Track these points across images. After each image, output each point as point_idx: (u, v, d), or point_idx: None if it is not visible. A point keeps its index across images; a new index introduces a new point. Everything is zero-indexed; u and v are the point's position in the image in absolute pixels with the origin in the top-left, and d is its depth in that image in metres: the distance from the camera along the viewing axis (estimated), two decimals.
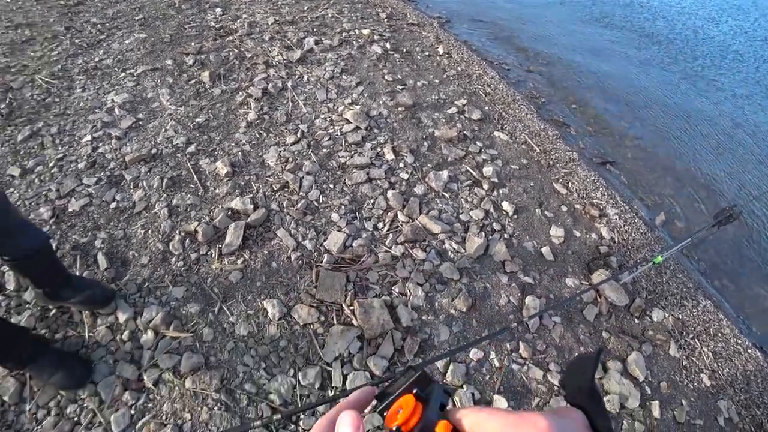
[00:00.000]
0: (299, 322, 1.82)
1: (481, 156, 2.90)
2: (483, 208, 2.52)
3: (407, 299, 2.00)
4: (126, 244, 2.06)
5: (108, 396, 1.64)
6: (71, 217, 2.15)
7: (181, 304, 1.85)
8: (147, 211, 2.18)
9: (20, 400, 1.64)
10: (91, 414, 1.61)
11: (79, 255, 2.01)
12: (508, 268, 2.28)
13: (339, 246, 2.07)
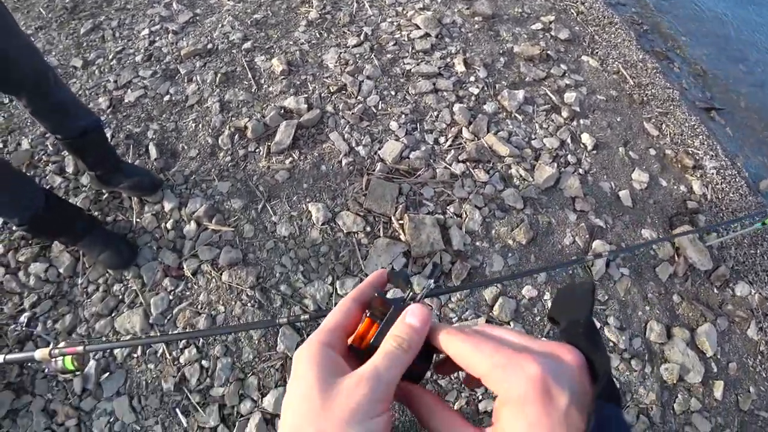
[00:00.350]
0: (343, 230, 1.66)
1: (564, 80, 2.49)
2: (559, 137, 2.16)
3: (462, 221, 1.77)
4: (176, 136, 1.97)
5: (150, 280, 1.61)
6: (127, 107, 2.09)
7: (225, 199, 1.75)
8: (199, 105, 2.06)
9: (74, 274, 1.66)
10: (133, 294, 1.59)
11: (132, 144, 1.96)
12: (579, 206, 1.96)
13: (395, 156, 1.84)
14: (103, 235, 1.63)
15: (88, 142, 1.58)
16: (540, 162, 2.02)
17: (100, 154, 1.65)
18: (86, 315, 1.59)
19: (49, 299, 1.62)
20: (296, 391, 0.34)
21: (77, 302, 1.62)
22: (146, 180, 1.73)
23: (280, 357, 1.44)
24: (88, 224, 1.61)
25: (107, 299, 1.59)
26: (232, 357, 1.45)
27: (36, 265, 1.66)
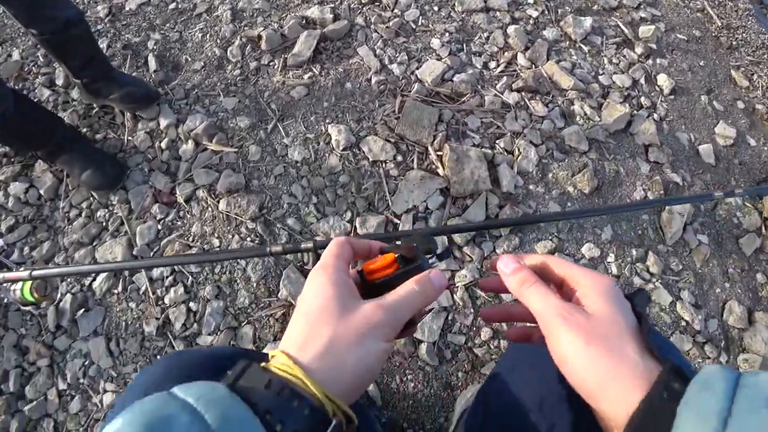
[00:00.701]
0: (368, 158, 1.33)
1: (639, 13, 2.03)
2: (631, 75, 1.74)
3: (514, 159, 1.41)
4: (180, 47, 1.66)
5: (138, 206, 1.33)
6: (127, 15, 1.78)
7: (229, 116, 1.44)
8: (208, 14, 1.73)
9: (56, 196, 1.40)
10: (118, 222, 1.32)
11: (129, 55, 1.66)
12: (653, 156, 1.57)
13: (435, 77, 1.48)
14: (87, 151, 1.36)
15: (71, 39, 1.29)
16: (609, 100, 1.63)
17: (86, 55, 1.36)
18: (66, 243, 1.34)
19: (28, 223, 1.38)
20: (313, 302, 0.37)
21: (57, 228, 1.37)
22: (140, 90, 1.44)
23: (281, 305, 1.15)
24: (69, 135, 1.35)
25: (89, 226, 1.33)
26: (224, 300, 1.17)
27: (16, 184, 1.41)
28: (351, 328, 0.34)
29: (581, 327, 0.35)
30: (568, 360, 0.35)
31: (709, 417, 0.27)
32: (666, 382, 0.30)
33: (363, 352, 0.34)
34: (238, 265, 1.19)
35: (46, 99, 1.59)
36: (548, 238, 1.34)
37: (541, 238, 1.34)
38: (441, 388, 1.13)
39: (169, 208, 1.32)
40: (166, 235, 1.28)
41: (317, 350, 0.33)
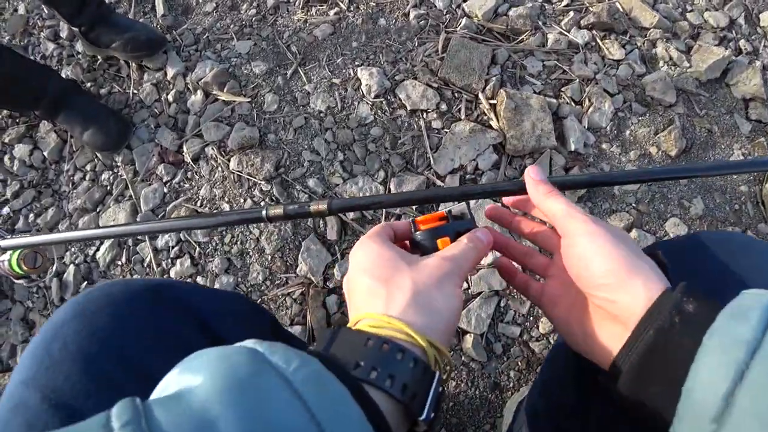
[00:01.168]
0: (406, 106, 1.08)
1: None
2: (726, 14, 1.37)
3: (583, 111, 1.12)
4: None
5: (142, 167, 1.15)
6: None
7: (243, 62, 1.21)
8: None
9: (60, 158, 1.25)
10: (122, 185, 1.15)
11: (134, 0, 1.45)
12: (755, 113, 1.22)
13: (487, 10, 1.19)
14: (89, 107, 1.19)
15: None
16: (700, 42, 1.28)
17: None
18: (70, 209, 1.19)
19: (33, 188, 1.23)
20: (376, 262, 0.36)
21: (62, 193, 1.22)
22: (143, 35, 1.23)
23: (300, 282, 0.95)
24: (64, 88, 1.17)
25: (92, 190, 1.17)
26: (235, 276, 0.98)
27: (20, 146, 1.27)
28: (426, 275, 0.34)
29: (603, 227, 0.35)
30: (586, 255, 0.34)
31: (735, 346, 0.24)
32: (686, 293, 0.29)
33: (446, 293, 0.34)
34: (251, 233, 0.99)
35: (50, 53, 1.42)
36: (624, 210, 1.06)
37: (615, 209, 1.06)
38: (488, 389, 0.91)
39: (176, 168, 1.13)
40: (173, 198, 1.10)
41: (405, 300, 0.32)
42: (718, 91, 1.26)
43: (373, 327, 0.31)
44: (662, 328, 0.28)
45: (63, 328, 0.37)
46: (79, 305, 0.39)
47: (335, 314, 0.95)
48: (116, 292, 0.40)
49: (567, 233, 0.36)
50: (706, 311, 0.27)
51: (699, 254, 0.42)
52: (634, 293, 0.31)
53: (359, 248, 0.38)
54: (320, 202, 0.46)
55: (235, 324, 0.45)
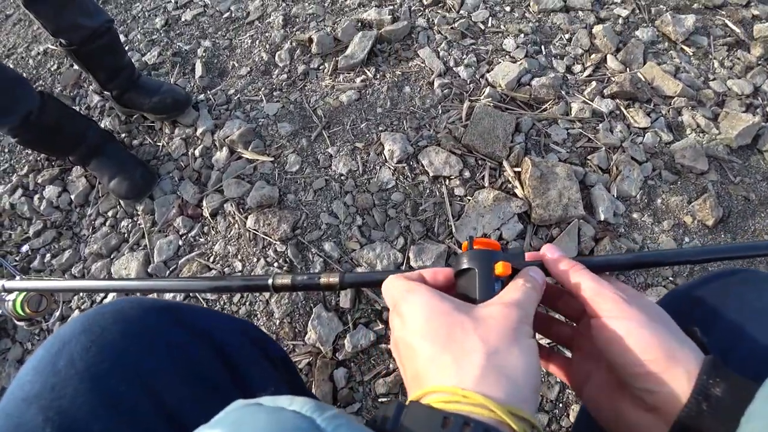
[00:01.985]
0: (429, 172, 1.04)
1: (750, 11, 1.63)
2: (750, 81, 1.35)
3: (611, 179, 1.07)
4: (229, 54, 1.49)
5: (161, 218, 1.12)
6: (182, 26, 1.66)
7: (270, 123, 1.22)
8: (260, 21, 1.56)
9: (86, 202, 1.25)
10: (139, 234, 1.12)
11: (179, 62, 1.51)
12: None
13: (510, 80, 1.18)
14: (119, 156, 1.21)
15: (99, 48, 1.17)
16: (726, 109, 1.25)
17: (114, 66, 1.24)
18: (86, 253, 1.16)
19: (54, 229, 1.23)
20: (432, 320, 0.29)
21: (81, 236, 1.20)
22: (168, 98, 1.27)
23: (308, 351, 0.86)
24: (101, 137, 1.20)
25: (110, 236, 1.15)
26: None
27: (50, 188, 1.28)
28: (495, 330, 0.28)
29: (637, 307, 0.30)
30: (621, 342, 0.29)
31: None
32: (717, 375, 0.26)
33: (523, 348, 0.27)
34: (261, 295, 0.92)
35: (94, 105, 1.48)
36: (661, 284, 0.97)
37: (651, 283, 0.97)
38: None
39: (194, 221, 1.10)
40: (186, 252, 1.05)
41: (479, 366, 0.26)
42: (750, 157, 1.20)
43: (445, 402, 0.25)
44: (689, 416, 0.25)
45: (70, 344, 0.34)
46: (88, 320, 0.36)
47: (343, 389, 0.85)
48: (128, 308, 0.37)
49: (597, 314, 0.32)
50: (735, 393, 0.25)
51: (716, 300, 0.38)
52: (675, 385, 0.27)
53: (406, 304, 0.32)
54: (331, 275, 0.41)
55: (249, 349, 0.42)
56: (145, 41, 1.64)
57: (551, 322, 0.40)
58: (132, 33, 1.70)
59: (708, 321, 0.37)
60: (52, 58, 1.74)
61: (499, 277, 0.34)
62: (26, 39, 1.89)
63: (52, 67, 1.71)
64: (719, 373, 0.26)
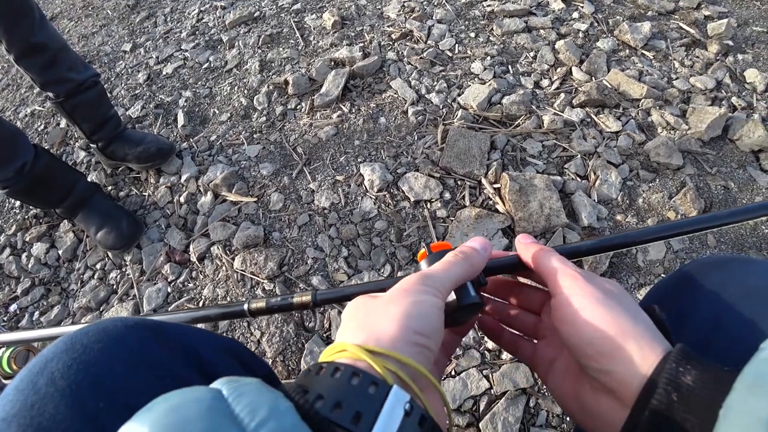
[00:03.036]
0: (410, 197, 1.04)
1: (701, 12, 1.71)
2: (712, 76, 1.39)
3: (590, 185, 1.08)
4: (209, 102, 1.51)
5: (149, 266, 1.10)
6: (163, 79, 1.69)
7: (252, 164, 1.22)
8: (238, 69, 1.60)
9: (74, 257, 1.22)
10: (128, 284, 1.09)
11: (161, 113, 1.53)
12: (767, 162, 1.18)
13: (481, 101, 1.21)
14: (105, 207, 1.20)
15: (86, 101, 1.19)
16: (693, 105, 1.28)
17: (100, 117, 1.25)
18: (75, 307, 1.13)
19: (42, 286, 1.20)
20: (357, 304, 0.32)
21: (70, 291, 1.17)
22: (153, 147, 1.27)
23: None
24: (88, 190, 1.19)
25: (99, 289, 1.12)
26: None
27: (38, 245, 1.26)
28: (389, 296, 0.30)
29: (596, 285, 0.31)
30: (575, 319, 0.29)
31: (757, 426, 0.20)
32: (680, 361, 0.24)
33: (403, 302, 0.29)
34: (251, 334, 0.89)
35: (81, 160, 1.47)
36: (653, 282, 0.96)
37: (643, 282, 0.96)
38: None
39: (182, 267, 1.08)
40: (176, 298, 1.03)
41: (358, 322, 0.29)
42: (723, 147, 1.22)
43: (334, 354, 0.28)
44: (659, 410, 0.24)
45: (52, 362, 0.33)
46: (71, 339, 0.35)
47: None
48: (111, 327, 0.36)
49: (556, 292, 0.32)
50: (709, 381, 0.23)
51: (693, 290, 0.38)
52: (627, 363, 0.26)
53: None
54: (304, 294, 0.42)
55: (236, 368, 0.41)
56: (128, 96, 1.66)
57: (517, 314, 0.40)
58: (116, 89, 1.72)
59: (688, 309, 0.37)
60: (39, 118, 1.75)
61: None
62: (14, 102, 1.90)
63: (39, 127, 1.72)
64: (690, 361, 0.25)
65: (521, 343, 0.39)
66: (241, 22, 1.83)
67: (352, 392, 0.23)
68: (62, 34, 2.25)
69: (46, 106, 1.78)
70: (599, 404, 0.29)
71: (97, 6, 2.41)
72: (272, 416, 0.21)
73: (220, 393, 0.22)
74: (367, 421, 0.22)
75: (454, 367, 0.86)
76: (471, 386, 0.84)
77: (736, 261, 0.38)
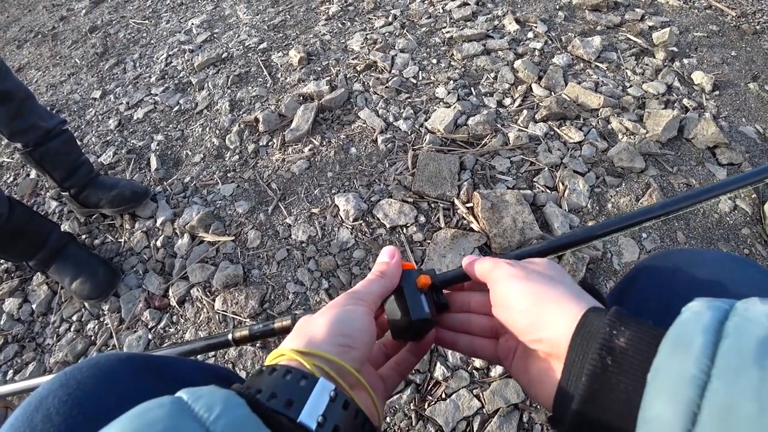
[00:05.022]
0: (385, 224, 1.05)
1: (645, 23, 1.82)
2: (662, 81, 1.48)
3: (560, 195, 1.11)
4: (181, 144, 1.51)
5: (128, 314, 1.07)
6: (134, 124, 1.68)
7: (227, 203, 1.21)
8: (208, 110, 1.60)
9: (48, 310, 1.18)
10: (107, 334, 1.06)
11: (133, 158, 1.51)
12: (724, 157, 1.25)
13: (447, 123, 1.24)
14: (80, 257, 1.16)
15: (55, 149, 1.17)
16: (648, 110, 1.34)
17: (70, 164, 1.23)
18: (51, 362, 1.08)
19: (16, 343, 1.15)
20: None
21: (45, 346, 1.12)
22: (127, 190, 1.26)
23: None
24: (62, 239, 1.16)
25: (76, 341, 1.08)
26: None
27: (10, 300, 1.21)
28: (326, 307, 0.35)
29: (522, 267, 0.34)
30: (505, 298, 0.32)
31: (683, 385, 0.20)
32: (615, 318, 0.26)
33: (330, 313, 0.33)
34: (243, 369, 0.87)
35: (53, 210, 1.44)
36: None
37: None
38: None
39: (162, 312, 1.05)
40: (157, 345, 1.00)
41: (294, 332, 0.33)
42: (681, 147, 1.28)
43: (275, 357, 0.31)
44: (594, 373, 0.24)
45: (47, 399, 0.34)
46: (65, 375, 0.36)
47: None
48: (104, 361, 0.38)
49: (490, 285, 0.35)
50: (640, 342, 0.24)
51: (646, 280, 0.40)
52: (553, 326, 0.28)
53: None
54: (284, 319, 0.44)
55: None
56: (100, 143, 1.64)
57: (469, 320, 0.41)
58: (87, 137, 1.70)
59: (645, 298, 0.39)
60: (8, 170, 1.71)
61: (421, 289, 0.37)
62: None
63: (8, 179, 1.67)
64: (624, 322, 0.25)
65: (477, 343, 0.40)
66: (209, 64, 1.85)
67: (286, 385, 0.27)
68: (30, 85, 2.24)
69: (15, 157, 1.74)
70: (543, 373, 0.30)
71: (65, 55, 2.39)
72: (227, 410, 0.23)
73: (181, 398, 0.25)
74: (297, 406, 0.25)
75: (444, 389, 0.85)
76: (462, 407, 0.83)
77: (683, 252, 0.41)
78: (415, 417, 0.82)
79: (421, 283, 0.37)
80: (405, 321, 0.36)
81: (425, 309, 0.36)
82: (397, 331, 0.37)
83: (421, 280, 0.38)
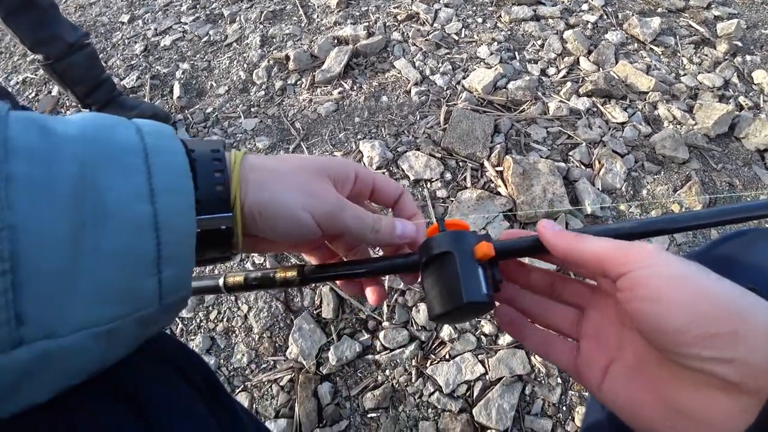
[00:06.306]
0: (409, 176, 0.99)
1: (711, 12, 1.68)
2: (720, 75, 1.36)
3: (594, 173, 1.04)
4: (207, 75, 1.45)
5: None
6: (161, 51, 1.63)
7: (248, 137, 1.17)
8: (238, 43, 1.54)
9: None
10: None
11: (157, 84, 1.47)
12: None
13: (486, 84, 1.16)
14: None
15: (77, 63, 1.14)
16: (700, 101, 1.24)
17: (93, 80, 1.19)
18: None
19: None
20: None
21: None
22: (148, 111, 1.23)
23: (290, 367, 0.78)
24: None
25: None
26: (217, 357, 0.81)
27: None
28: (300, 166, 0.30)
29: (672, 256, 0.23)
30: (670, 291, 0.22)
31: None
32: None
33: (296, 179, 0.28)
34: (239, 309, 0.84)
35: None
36: None
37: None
38: None
39: None
40: None
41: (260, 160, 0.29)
42: (729, 145, 1.19)
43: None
44: None
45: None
46: None
47: (328, 405, 0.77)
48: None
49: (622, 271, 0.24)
50: None
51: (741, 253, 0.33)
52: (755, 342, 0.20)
53: None
54: (288, 269, 0.33)
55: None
56: (124, 66, 1.59)
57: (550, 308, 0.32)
58: (112, 60, 1.66)
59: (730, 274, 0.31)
60: (31, 86, 1.68)
61: (481, 260, 0.27)
62: (5, 70, 1.83)
63: (30, 95, 1.65)
64: None
65: (557, 344, 0.31)
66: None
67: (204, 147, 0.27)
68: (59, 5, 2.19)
69: (38, 74, 1.71)
70: (706, 404, 0.22)
71: None
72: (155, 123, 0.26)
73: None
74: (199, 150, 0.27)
75: (449, 350, 0.81)
76: (465, 371, 0.80)
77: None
78: (416, 373, 0.79)
79: (481, 252, 0.27)
80: (453, 301, 0.26)
81: (482, 289, 0.26)
82: (438, 311, 0.27)
83: (482, 248, 0.27)
